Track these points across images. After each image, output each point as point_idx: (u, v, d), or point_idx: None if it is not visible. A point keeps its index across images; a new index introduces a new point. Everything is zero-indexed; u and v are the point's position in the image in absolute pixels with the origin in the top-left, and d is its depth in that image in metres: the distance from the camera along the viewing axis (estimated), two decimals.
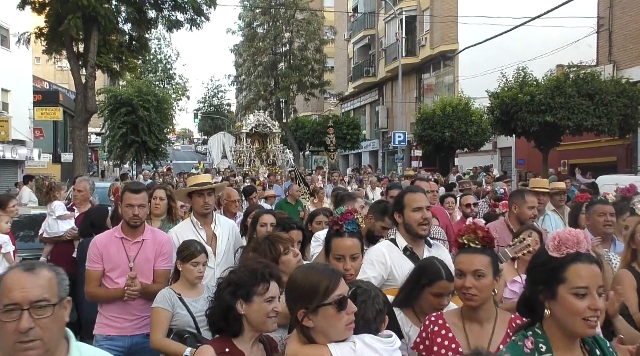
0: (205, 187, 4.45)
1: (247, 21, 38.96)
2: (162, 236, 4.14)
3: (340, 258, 2.87)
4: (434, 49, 29.15)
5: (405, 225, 3.32)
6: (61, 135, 32.19)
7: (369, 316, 2.21)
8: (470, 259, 2.48)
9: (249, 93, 43.79)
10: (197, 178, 4.74)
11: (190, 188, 4.51)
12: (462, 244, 2.56)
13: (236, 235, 4.70)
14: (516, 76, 17.92)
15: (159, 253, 3.97)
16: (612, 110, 16.00)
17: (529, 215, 4.68)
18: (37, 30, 18.04)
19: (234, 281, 2.38)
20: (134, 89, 27.98)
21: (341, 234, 2.93)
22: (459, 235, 2.58)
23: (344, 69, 43.83)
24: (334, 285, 2.06)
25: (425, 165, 24.89)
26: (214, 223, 4.50)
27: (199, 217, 4.45)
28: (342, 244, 2.92)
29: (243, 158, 20.79)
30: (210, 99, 78.46)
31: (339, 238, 2.93)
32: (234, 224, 4.79)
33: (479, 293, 2.42)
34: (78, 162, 17.51)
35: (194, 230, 4.38)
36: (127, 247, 3.89)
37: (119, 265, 3.85)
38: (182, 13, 18.60)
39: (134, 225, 3.90)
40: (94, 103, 18.34)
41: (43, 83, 34.52)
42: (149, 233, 4.02)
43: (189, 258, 3.54)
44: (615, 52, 18.91)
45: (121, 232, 3.95)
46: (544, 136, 17.24)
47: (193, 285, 3.60)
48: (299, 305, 2.08)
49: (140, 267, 3.85)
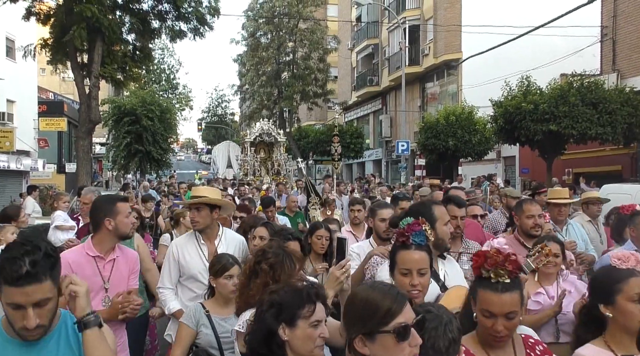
0: (193, 201, 4.19)
1: (250, 31, 39.18)
2: (131, 252, 3.83)
3: (407, 273, 2.62)
4: (437, 58, 29.18)
5: (437, 240, 3.13)
6: (66, 146, 32.29)
7: (440, 346, 1.95)
8: (503, 301, 2.20)
9: (252, 103, 43.96)
10: (195, 191, 4.46)
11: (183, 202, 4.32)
12: (486, 277, 2.26)
13: (246, 251, 4.39)
14: (520, 85, 17.91)
15: (131, 270, 3.68)
16: (616, 119, 15.96)
17: (529, 225, 4.40)
18: (42, 41, 18.15)
19: (276, 302, 2.13)
20: (138, 99, 28.12)
21: (408, 246, 2.69)
22: (481, 266, 2.28)
23: (347, 78, 43.94)
24: (398, 309, 1.82)
25: (429, 174, 24.81)
26: (219, 239, 4.22)
27: (202, 231, 4.20)
28: (408, 257, 2.66)
29: (247, 167, 20.69)
30: (214, 109, 78.77)
31: (405, 250, 2.68)
32: (243, 240, 4.48)
33: (510, 332, 2.25)
34: (82, 172, 17.52)
35: (196, 244, 4.16)
36: (100, 267, 3.51)
37: (93, 287, 3.34)
38: (185, 23, 18.67)
39: (131, 236, 3.69)
40: (98, 114, 18.38)
41: (48, 93, 34.68)
42: (118, 250, 3.66)
43: (221, 272, 3.37)
44: (619, 61, 18.89)
45: (94, 250, 3.52)
46: (548, 145, 17.20)
47: (226, 302, 3.37)
48: (355, 328, 1.85)
49: (115, 287, 3.50)
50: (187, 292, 4.11)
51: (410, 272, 2.63)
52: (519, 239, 4.52)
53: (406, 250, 2.69)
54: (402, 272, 2.65)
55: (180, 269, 4.11)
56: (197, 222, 4.11)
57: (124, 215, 3.56)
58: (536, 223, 4.39)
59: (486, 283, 2.25)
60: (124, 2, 18.25)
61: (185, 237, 4.32)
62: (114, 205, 3.55)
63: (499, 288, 2.21)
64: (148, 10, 18.62)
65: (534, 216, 4.40)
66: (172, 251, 4.14)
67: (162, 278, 4.19)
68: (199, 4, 18.36)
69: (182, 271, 4.10)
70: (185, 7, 18.11)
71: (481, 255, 2.31)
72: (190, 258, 4.09)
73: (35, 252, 1.95)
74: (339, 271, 2.65)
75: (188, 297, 4.08)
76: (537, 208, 4.47)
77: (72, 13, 15.83)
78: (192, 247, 4.13)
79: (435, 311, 2.07)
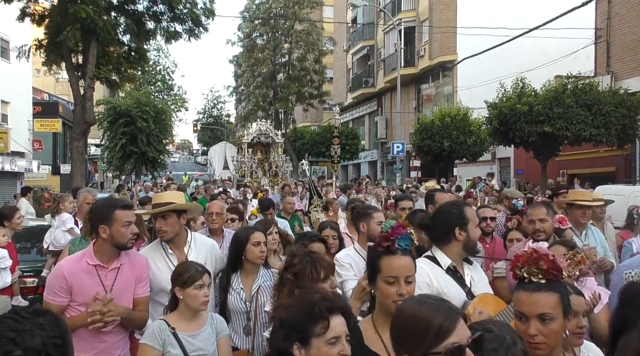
0: (156, 210, 3.75)
1: (246, 32, 39.20)
2: (140, 258, 3.55)
3: (393, 281, 2.36)
4: (432, 59, 29.26)
5: (469, 242, 3.01)
6: (61, 147, 32.21)
7: None
8: (534, 300, 2.04)
9: (248, 104, 43.95)
10: (159, 197, 3.95)
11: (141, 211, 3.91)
12: (520, 277, 2.12)
13: (217, 257, 4.04)
14: (515, 86, 17.96)
15: (139, 278, 3.41)
16: (611, 121, 16.02)
17: (530, 230, 4.26)
18: (36, 42, 18.11)
19: (285, 321, 1.97)
20: (133, 100, 28.10)
21: (393, 252, 2.42)
22: (515, 266, 2.14)
23: (343, 80, 44.00)
24: (450, 327, 1.61)
25: (424, 175, 24.89)
26: (188, 246, 3.83)
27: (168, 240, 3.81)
28: (395, 263, 2.40)
29: (244, 168, 20.47)
30: (210, 110, 78.78)
31: (390, 256, 2.41)
32: (214, 244, 4.11)
33: (547, 340, 2.02)
34: (76, 174, 17.46)
35: (163, 254, 3.77)
36: (102, 276, 3.26)
37: None
38: (180, 24, 18.65)
39: (130, 246, 3.36)
40: (93, 115, 18.34)
41: (43, 94, 34.59)
42: (124, 256, 3.39)
43: (190, 282, 3.05)
44: (613, 63, 18.98)
45: (94, 258, 3.27)
46: (542, 146, 17.24)
47: (193, 316, 3.10)
48: (404, 348, 1.67)
49: (119, 298, 3.24)
50: (159, 307, 3.69)
51: (397, 280, 2.38)
52: None
53: (391, 255, 2.44)
54: (388, 281, 2.38)
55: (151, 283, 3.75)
56: (165, 232, 3.74)
57: (121, 224, 3.25)
58: (536, 228, 4.19)
59: (520, 284, 2.13)
60: (119, 3, 18.22)
61: (150, 247, 3.93)
62: (111, 212, 3.26)
63: (531, 287, 2.07)
64: (143, 11, 18.60)
65: (535, 221, 4.22)
66: None
67: None
68: (194, 5, 18.35)
69: (150, 286, 3.68)
70: (180, 9, 18.09)
71: (517, 256, 2.16)
72: (158, 270, 3.71)
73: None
74: (366, 281, 2.48)
75: (160, 312, 3.68)
76: (538, 212, 4.26)
77: (67, 14, 15.80)
78: (159, 257, 3.76)
79: (496, 331, 1.85)
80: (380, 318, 2.34)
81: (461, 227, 3.02)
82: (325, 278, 2.75)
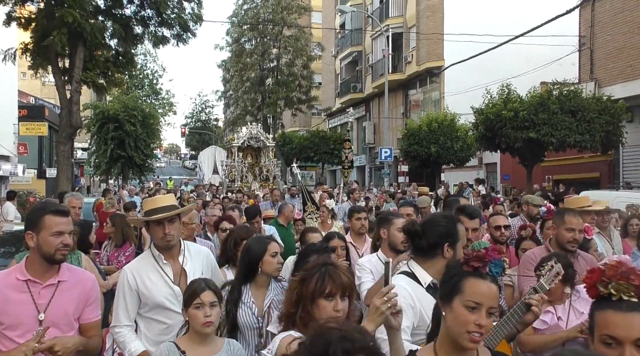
0: (165, 214, 3.39)
1: (235, 37, 39.26)
2: (86, 276, 3.05)
3: (475, 307, 2.02)
4: (420, 65, 29.45)
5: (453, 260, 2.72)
6: (46, 151, 31.93)
7: None
8: (629, 321, 1.73)
9: (236, 109, 43.98)
10: (155, 202, 3.58)
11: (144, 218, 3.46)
12: (605, 295, 1.81)
13: (213, 266, 3.76)
14: (501, 93, 18.12)
15: (87, 300, 2.93)
16: (595, 127, 16.21)
17: (567, 239, 4.00)
18: (23, 45, 18.00)
19: None
20: (121, 104, 27.98)
21: (482, 275, 2.09)
22: (599, 281, 1.83)
23: (331, 85, 44.10)
24: None
25: (412, 180, 24.96)
26: (182, 255, 3.52)
27: (161, 249, 3.46)
28: (482, 288, 2.05)
29: (234, 173, 20.19)
30: (198, 114, 78.64)
31: (478, 279, 2.07)
32: (209, 253, 3.83)
33: None
34: (62, 178, 17.37)
35: (156, 265, 3.43)
36: (35, 293, 2.75)
37: (22, 320, 2.72)
38: (168, 29, 18.67)
39: (60, 260, 2.81)
40: (79, 119, 18.27)
41: (29, 98, 34.31)
42: (66, 272, 2.87)
43: (190, 300, 2.80)
44: (596, 70, 19.22)
45: (26, 273, 2.77)
46: (528, 152, 17.40)
47: (204, 339, 2.79)
48: None
49: (55, 320, 2.76)
50: (154, 326, 3.41)
51: (479, 308, 2.03)
52: (550, 251, 4.06)
53: (480, 279, 2.09)
54: (469, 305, 2.03)
55: (140, 299, 3.39)
56: (172, 237, 3.42)
57: (50, 232, 2.73)
58: (575, 238, 4.00)
59: (606, 303, 1.80)
60: (106, 7, 18.20)
61: (140, 259, 3.56)
62: (40, 217, 2.77)
63: (624, 306, 1.75)
64: (130, 16, 18.61)
65: (575, 230, 4.00)
66: (127, 278, 3.39)
67: (116, 314, 3.40)
68: (182, 10, 18.38)
69: (143, 301, 3.38)
70: (167, 14, 18.11)
71: (596, 271, 1.88)
72: (152, 283, 3.38)
73: None
74: (381, 300, 2.20)
75: (157, 331, 3.40)
76: (579, 222, 4.06)
77: (54, 18, 15.76)
78: (151, 269, 3.42)
79: None
80: (445, 348, 2.05)
81: (451, 244, 2.83)
82: (329, 296, 2.34)
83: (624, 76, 17.69)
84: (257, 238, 3.84)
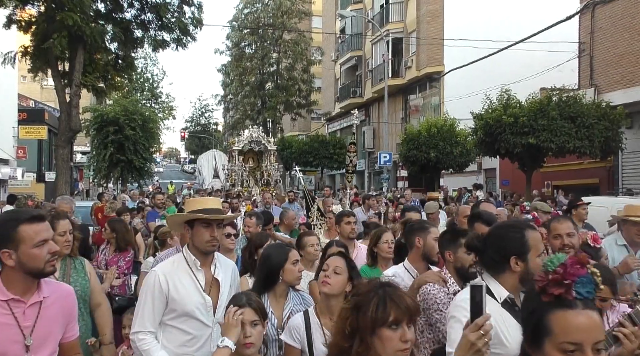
0: (219, 216, 3.21)
1: (235, 41, 39.33)
2: (66, 289, 2.65)
3: (574, 350, 1.53)
4: (420, 70, 29.49)
5: (526, 275, 2.41)
6: (46, 154, 31.93)
7: None
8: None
9: (236, 113, 44.04)
10: (204, 202, 3.34)
11: (196, 215, 3.16)
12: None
13: (237, 280, 3.52)
14: (500, 98, 18.13)
15: (69, 317, 2.57)
16: (594, 133, 16.22)
17: (557, 246, 3.83)
18: (23, 48, 18.01)
19: None
20: (120, 108, 28.00)
21: (569, 304, 1.57)
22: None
23: (330, 90, 44.16)
24: None
25: (411, 185, 24.96)
26: (214, 265, 3.27)
27: (198, 254, 3.18)
28: (575, 322, 1.55)
29: (235, 177, 19.85)
30: (198, 118, 78.73)
31: (566, 311, 1.57)
32: (234, 266, 3.60)
33: None
34: (61, 181, 17.35)
35: (190, 271, 3.17)
36: (19, 315, 2.32)
37: (7, 348, 2.31)
38: (168, 33, 18.68)
39: (51, 272, 2.45)
40: (78, 122, 18.27)
41: (28, 101, 34.33)
42: (46, 287, 2.46)
43: None
44: (596, 76, 19.24)
45: (6, 291, 2.32)
46: (527, 158, 17.40)
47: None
48: None
49: (42, 345, 2.39)
50: (177, 335, 3.11)
51: (581, 349, 1.53)
52: None
53: (568, 309, 1.57)
54: (565, 349, 1.55)
55: (168, 305, 3.11)
56: (216, 242, 3.22)
57: (32, 244, 2.32)
58: (564, 243, 3.80)
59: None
60: (107, 11, 18.22)
61: (173, 262, 3.28)
62: (13, 230, 2.31)
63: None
64: (131, 20, 18.62)
65: (562, 235, 3.85)
66: (159, 280, 3.10)
67: (141, 318, 3.08)
68: (182, 14, 18.39)
69: (171, 308, 3.10)
70: (168, 18, 18.12)
71: None
72: (184, 289, 3.11)
73: None
74: (476, 334, 1.77)
75: (179, 342, 3.11)
76: (565, 226, 3.88)
77: (54, 21, 15.76)
78: (184, 275, 3.16)
79: None
80: None
81: (519, 257, 2.46)
82: (394, 324, 1.93)
83: (624, 82, 17.71)
84: (276, 246, 3.69)
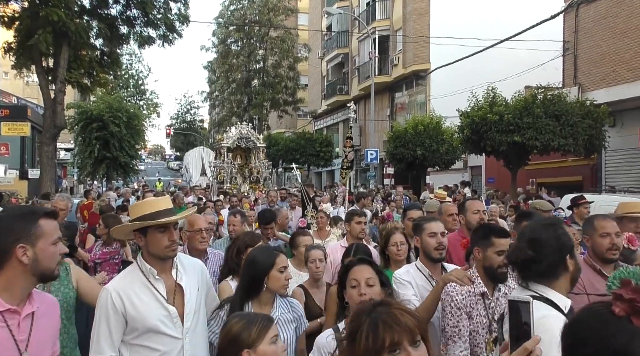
0: (171, 218, 2.84)
1: (221, 38, 39.18)
2: (51, 299, 2.40)
3: None
4: (406, 68, 29.60)
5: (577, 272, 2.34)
6: (29, 151, 31.52)
7: None
8: None
9: (222, 110, 43.87)
10: (154, 204, 2.88)
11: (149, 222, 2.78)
12: None
13: (207, 282, 3.20)
14: (486, 96, 18.25)
15: (56, 329, 2.38)
16: (578, 131, 16.40)
17: (605, 246, 3.52)
18: (6, 44, 17.78)
19: None
20: (105, 105, 27.73)
21: None
22: None
23: (317, 87, 44.15)
24: None
25: (397, 182, 25.07)
26: (175, 269, 2.91)
27: (154, 261, 2.83)
28: None
29: (223, 174, 19.68)
30: (183, 115, 78.27)
31: None
32: (202, 266, 3.24)
33: None
34: (45, 179, 17.17)
35: (146, 282, 2.81)
36: (13, 327, 2.07)
37: None
38: (154, 29, 18.55)
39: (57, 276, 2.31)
40: (63, 119, 18.09)
41: (11, 97, 33.88)
42: (37, 297, 2.23)
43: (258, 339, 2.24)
44: (580, 75, 19.47)
45: (1, 300, 2.06)
46: (512, 155, 17.55)
47: None
48: None
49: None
50: (144, 354, 2.77)
51: None
52: (592, 265, 3.57)
53: None
54: None
55: (128, 324, 2.76)
56: (176, 246, 2.90)
57: (50, 241, 2.14)
58: (613, 242, 3.50)
59: None
60: (92, 7, 18.04)
61: (126, 275, 2.90)
62: (33, 224, 2.11)
63: None
64: (116, 16, 18.46)
65: (610, 234, 3.52)
66: (111, 299, 2.74)
67: (97, 343, 2.72)
68: (168, 10, 18.27)
69: (131, 326, 2.76)
70: (154, 14, 17.99)
71: None
72: (142, 304, 2.77)
73: None
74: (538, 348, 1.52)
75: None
76: (612, 225, 3.59)
77: (38, 17, 15.58)
78: (141, 287, 2.80)
79: None
80: None
81: (571, 254, 2.35)
82: (392, 348, 1.53)
83: (607, 81, 17.94)
84: (263, 249, 3.40)
